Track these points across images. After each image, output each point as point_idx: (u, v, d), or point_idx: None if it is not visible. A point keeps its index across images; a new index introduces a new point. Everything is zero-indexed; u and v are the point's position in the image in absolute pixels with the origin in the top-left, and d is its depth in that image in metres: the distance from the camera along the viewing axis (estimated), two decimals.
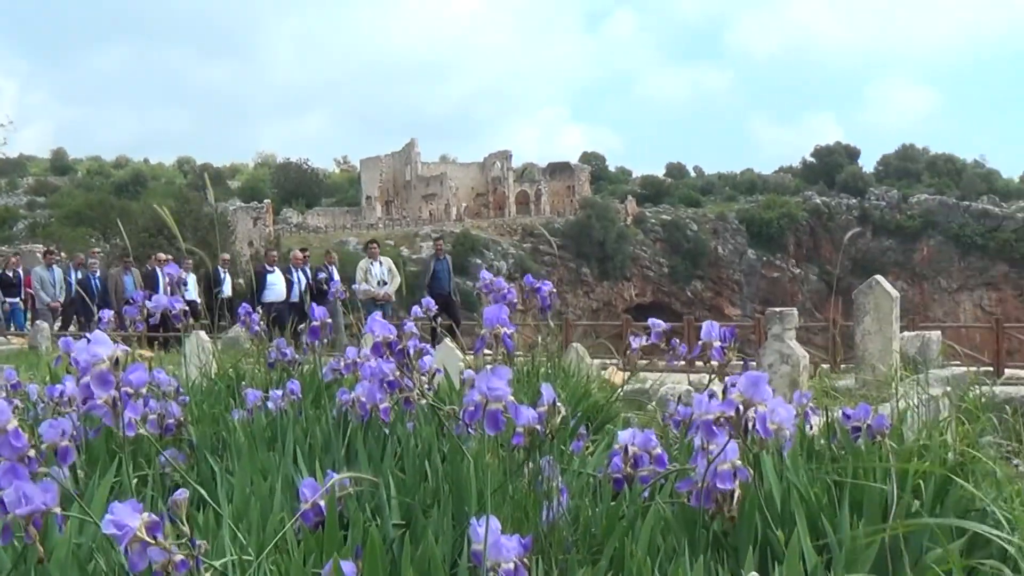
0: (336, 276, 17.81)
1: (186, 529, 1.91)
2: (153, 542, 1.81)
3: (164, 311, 4.51)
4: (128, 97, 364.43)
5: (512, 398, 2.34)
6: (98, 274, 18.48)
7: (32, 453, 2.13)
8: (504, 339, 2.82)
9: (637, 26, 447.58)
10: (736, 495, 2.31)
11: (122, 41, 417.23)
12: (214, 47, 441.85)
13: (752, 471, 2.47)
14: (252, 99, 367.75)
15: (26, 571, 2.21)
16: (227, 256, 21.09)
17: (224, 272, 18.16)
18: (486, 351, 3.02)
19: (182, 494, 1.99)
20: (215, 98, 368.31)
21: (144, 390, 2.73)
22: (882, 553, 2.34)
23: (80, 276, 18.99)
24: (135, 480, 2.61)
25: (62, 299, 18.74)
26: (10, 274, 20.71)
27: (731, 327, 3.24)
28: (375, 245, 17.62)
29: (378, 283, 16.20)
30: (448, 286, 17.24)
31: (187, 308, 4.65)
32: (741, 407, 2.26)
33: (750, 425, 2.26)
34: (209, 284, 17.11)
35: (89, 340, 2.28)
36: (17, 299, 20.50)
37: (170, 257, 19.57)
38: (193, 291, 17.43)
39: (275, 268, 17.36)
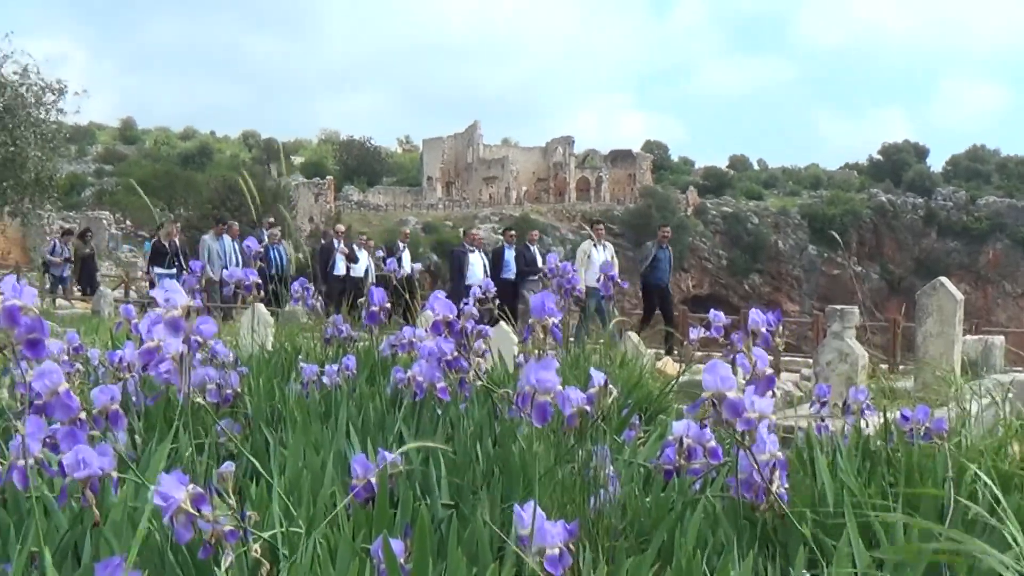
0: (539, 256, 16.57)
1: (232, 501, 1.93)
2: (197, 514, 1.83)
3: (239, 282, 4.46)
4: (193, 68, 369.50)
5: (560, 387, 2.32)
6: (283, 247, 16.45)
7: (83, 416, 2.16)
8: (552, 330, 2.76)
9: (704, 15, 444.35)
10: (775, 487, 2.29)
11: (185, 11, 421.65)
12: (274, 20, 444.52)
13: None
14: (312, 74, 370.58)
15: (82, 532, 2.25)
16: (407, 230, 20.48)
17: (404, 248, 17.64)
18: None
19: (229, 467, 2.01)
20: (276, 72, 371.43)
21: (212, 343, 2.72)
22: (935, 559, 2.30)
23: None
24: (190, 448, 2.64)
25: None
26: (166, 244, 18.46)
27: (776, 311, 3.19)
28: (600, 226, 16.24)
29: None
30: (668, 277, 16.00)
31: (258, 281, 4.58)
32: (715, 401, 2.26)
33: (723, 415, 2.25)
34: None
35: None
36: (172, 270, 17.33)
37: (341, 229, 19.29)
38: (365, 267, 17.39)
39: (476, 248, 16.41)
